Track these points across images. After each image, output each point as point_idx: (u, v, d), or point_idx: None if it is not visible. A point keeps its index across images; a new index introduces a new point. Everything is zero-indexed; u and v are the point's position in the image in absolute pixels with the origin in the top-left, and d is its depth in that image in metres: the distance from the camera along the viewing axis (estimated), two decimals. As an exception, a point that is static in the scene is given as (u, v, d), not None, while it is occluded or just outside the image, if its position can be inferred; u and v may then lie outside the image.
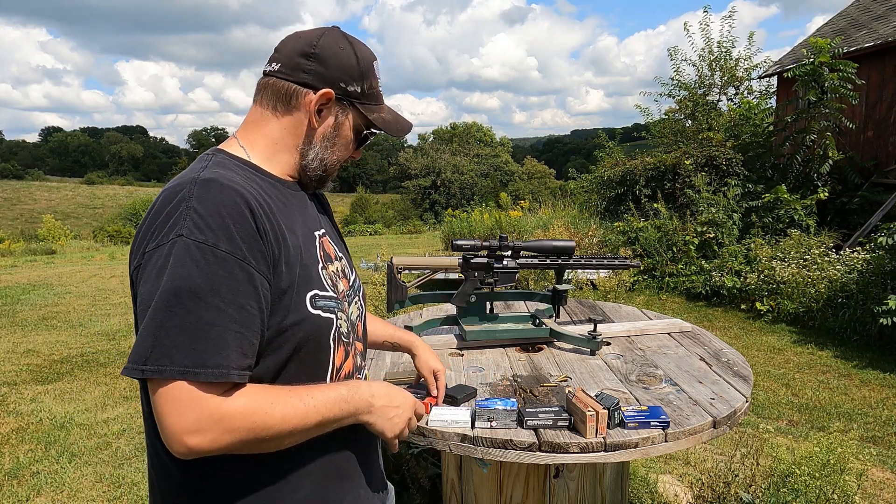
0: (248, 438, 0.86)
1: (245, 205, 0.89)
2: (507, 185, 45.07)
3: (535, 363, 1.89)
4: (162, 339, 0.82)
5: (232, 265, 0.86)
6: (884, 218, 7.33)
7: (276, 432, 0.88)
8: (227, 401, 0.85)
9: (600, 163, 12.46)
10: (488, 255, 1.97)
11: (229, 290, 0.85)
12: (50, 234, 19.98)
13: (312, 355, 0.99)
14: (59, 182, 65.57)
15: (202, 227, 0.85)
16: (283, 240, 0.95)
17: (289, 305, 0.94)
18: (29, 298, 8.24)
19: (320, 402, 0.94)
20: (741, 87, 12.40)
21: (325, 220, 1.18)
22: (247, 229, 0.88)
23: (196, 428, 0.82)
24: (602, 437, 1.35)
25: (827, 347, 5.47)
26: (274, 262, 0.92)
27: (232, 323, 0.85)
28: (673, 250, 7.97)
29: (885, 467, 3.32)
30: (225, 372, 0.84)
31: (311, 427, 0.93)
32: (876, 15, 9.95)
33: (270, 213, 0.94)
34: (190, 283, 0.83)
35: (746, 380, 1.73)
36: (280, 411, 0.88)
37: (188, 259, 0.84)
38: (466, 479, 1.97)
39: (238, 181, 0.93)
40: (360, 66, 1.06)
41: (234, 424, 0.84)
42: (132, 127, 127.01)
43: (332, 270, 1.07)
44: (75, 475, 3.25)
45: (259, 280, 0.88)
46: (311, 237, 1.05)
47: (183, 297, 0.82)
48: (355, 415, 1.00)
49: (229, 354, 0.84)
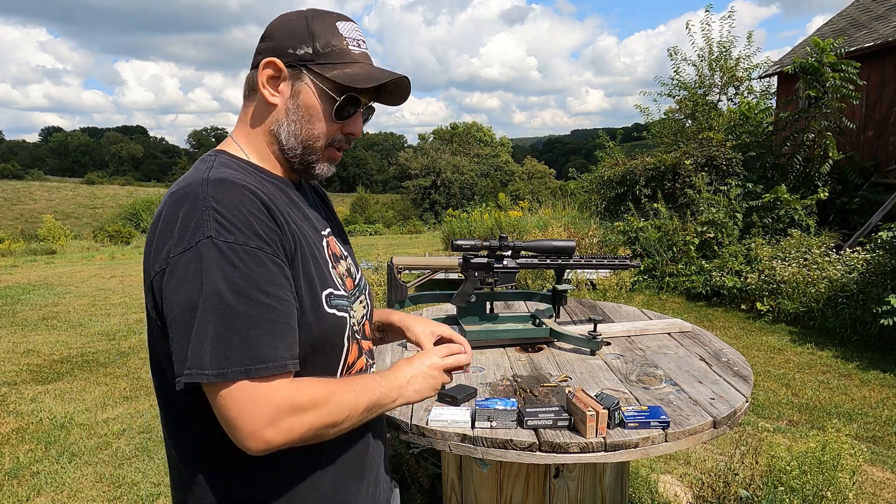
0: (316, 425, 0.88)
1: (260, 201, 0.90)
2: (507, 185, 45.06)
3: (535, 363, 1.88)
4: (218, 342, 0.82)
5: (265, 260, 0.86)
6: (884, 218, 7.33)
7: (336, 417, 0.91)
8: (292, 391, 0.86)
9: (600, 163, 12.47)
10: (488, 255, 1.97)
11: (269, 284, 0.86)
12: (50, 234, 19.96)
13: (328, 354, 0.99)
14: (59, 182, 65.57)
15: (228, 227, 0.85)
16: (300, 236, 0.96)
17: (306, 303, 0.93)
18: (29, 298, 8.24)
19: (365, 388, 0.97)
20: (741, 86, 12.40)
21: (330, 219, 1.17)
22: (269, 225, 0.89)
23: (269, 422, 0.83)
24: (602, 437, 1.35)
25: (827, 347, 5.47)
26: (291, 258, 0.92)
27: (278, 315, 0.86)
28: (673, 250, 7.97)
29: (885, 467, 3.32)
30: (282, 364, 0.85)
31: (361, 412, 0.95)
32: (876, 15, 9.95)
33: (280, 211, 0.94)
34: (231, 284, 0.83)
35: (746, 380, 1.73)
36: (337, 398, 0.91)
37: (223, 260, 0.83)
38: (466, 479, 1.96)
39: (248, 179, 0.94)
40: (309, 26, 0.99)
41: (304, 413, 0.87)
42: (132, 127, 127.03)
43: (341, 270, 1.07)
44: (75, 475, 3.25)
45: (288, 272, 0.90)
46: (319, 237, 1.05)
47: (228, 298, 0.82)
48: (389, 403, 1.02)
49: (282, 346, 0.86)
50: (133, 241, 19.98)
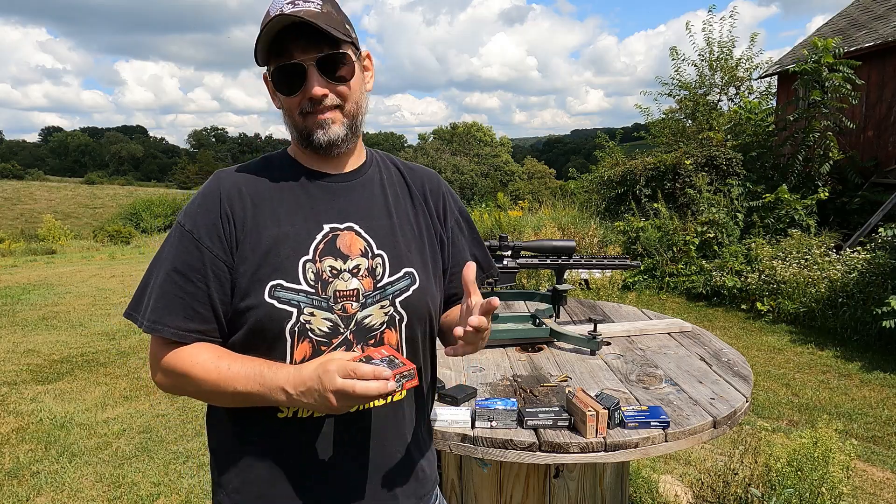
0: (183, 385, 1.01)
1: (217, 195, 1.03)
2: (507, 185, 45.05)
3: (536, 363, 1.88)
4: (138, 294, 1.04)
5: (189, 242, 1.01)
6: (884, 218, 7.33)
7: (198, 388, 0.99)
8: (172, 351, 1.01)
9: (600, 163, 12.46)
10: (488, 254, 1.97)
11: (182, 263, 1.00)
12: (50, 233, 19.97)
13: (267, 342, 1.00)
14: (60, 182, 65.60)
15: (185, 211, 1.05)
16: (255, 228, 1.02)
17: (246, 289, 1.00)
18: (29, 298, 8.23)
19: (237, 374, 0.97)
20: (742, 87, 12.40)
21: (383, 210, 1.10)
22: (208, 216, 1.02)
23: (155, 368, 1.04)
24: (602, 437, 1.35)
25: (827, 347, 5.47)
26: (236, 244, 1.01)
27: (176, 290, 1.00)
28: (673, 250, 7.97)
29: (885, 467, 3.31)
30: (160, 328, 0.99)
31: (228, 393, 0.97)
32: (876, 15, 9.95)
33: (250, 204, 1.03)
34: (162, 253, 1.03)
35: (746, 380, 1.73)
36: (200, 370, 0.98)
37: (171, 237, 1.04)
38: (466, 479, 1.96)
39: (239, 173, 1.07)
40: (260, 25, 1.02)
41: (170, 372, 1.01)
42: (132, 127, 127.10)
43: (331, 266, 1.02)
44: (75, 475, 3.25)
45: (210, 259, 1.00)
46: (314, 229, 1.03)
47: (157, 263, 1.03)
48: (268, 397, 0.94)
49: (173, 316, 0.99)
50: (133, 241, 19.96)
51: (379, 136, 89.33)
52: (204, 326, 1.01)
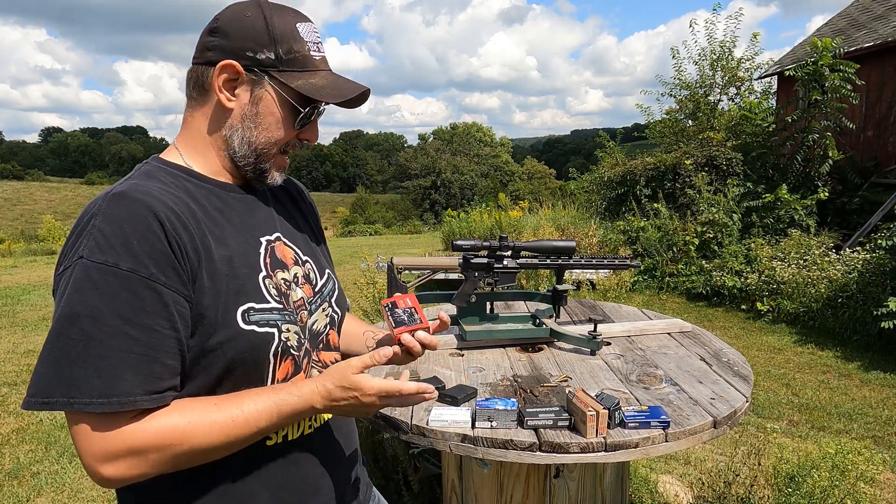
0: (166, 461, 0.82)
1: (154, 218, 0.82)
2: (507, 185, 45.07)
3: (536, 363, 1.89)
4: (61, 370, 0.77)
5: (135, 284, 0.79)
6: (884, 218, 7.33)
7: (199, 449, 0.84)
8: (138, 428, 0.80)
9: (600, 163, 12.46)
10: (488, 255, 1.97)
11: (132, 311, 0.79)
12: (50, 234, 19.95)
13: (248, 374, 0.91)
14: (60, 182, 65.65)
15: (103, 247, 0.79)
16: (207, 252, 0.88)
17: (215, 323, 0.86)
18: (29, 299, 8.24)
19: (249, 412, 0.86)
20: (742, 87, 12.40)
21: (288, 220, 1.08)
22: (153, 245, 0.81)
23: (106, 458, 0.79)
24: (602, 437, 1.35)
25: (827, 347, 5.47)
26: (193, 276, 0.85)
27: (136, 346, 0.79)
28: (673, 250, 7.97)
29: (886, 467, 3.32)
30: (131, 400, 0.78)
31: (241, 438, 0.86)
32: (876, 15, 9.96)
33: (193, 225, 0.87)
34: (87, 308, 0.78)
35: (747, 380, 1.73)
36: (204, 431, 0.83)
37: (87, 281, 0.78)
38: (467, 480, 1.96)
39: (156, 192, 0.87)
40: (270, 29, 0.93)
41: (146, 452, 0.80)
42: (132, 127, 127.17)
43: (283, 278, 0.99)
44: (75, 475, 3.25)
45: (171, 297, 0.82)
46: (255, 244, 0.97)
47: (80, 322, 0.77)
48: (302, 416, 0.91)
49: (134, 380, 0.79)
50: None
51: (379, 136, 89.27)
52: (174, 381, 0.84)
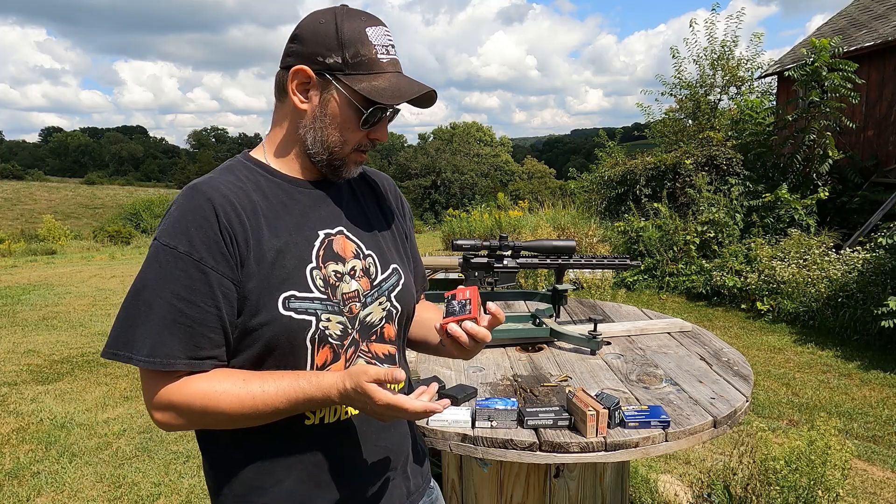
0: (197, 419, 0.96)
1: (211, 209, 0.95)
2: (507, 184, 45.04)
3: (536, 363, 1.89)
4: (125, 330, 0.94)
5: (188, 265, 0.93)
6: (884, 217, 7.33)
7: (222, 415, 0.94)
8: (177, 386, 0.94)
9: (601, 162, 12.46)
10: (488, 254, 1.97)
11: (183, 288, 0.93)
12: (50, 234, 19.97)
13: (285, 356, 0.99)
14: (59, 182, 65.62)
15: (169, 231, 0.95)
16: (258, 241, 0.98)
17: (257, 305, 0.97)
18: (29, 299, 8.24)
19: (268, 392, 0.95)
20: (742, 86, 12.40)
21: (359, 215, 1.14)
22: (206, 233, 0.94)
23: (154, 407, 0.96)
24: (602, 437, 1.35)
25: (827, 347, 5.47)
26: (241, 262, 0.97)
27: (181, 317, 0.93)
28: (673, 250, 7.98)
29: (886, 466, 3.32)
30: (169, 362, 0.92)
31: (259, 413, 0.95)
32: (876, 14, 9.95)
33: (249, 216, 0.99)
34: (150, 281, 0.94)
35: (747, 379, 1.73)
36: (228, 400, 0.94)
37: (154, 259, 0.94)
38: (467, 479, 1.96)
39: (224, 185, 0.99)
40: (339, 35, 0.99)
41: (180, 408, 0.95)
42: (132, 127, 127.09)
43: (335, 270, 1.05)
44: (76, 475, 3.25)
45: (216, 279, 0.94)
46: (311, 236, 1.04)
47: (144, 293, 0.93)
48: (319, 405, 0.97)
49: (177, 346, 0.93)
50: (133, 242, 19.96)
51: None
52: (216, 351, 0.97)
